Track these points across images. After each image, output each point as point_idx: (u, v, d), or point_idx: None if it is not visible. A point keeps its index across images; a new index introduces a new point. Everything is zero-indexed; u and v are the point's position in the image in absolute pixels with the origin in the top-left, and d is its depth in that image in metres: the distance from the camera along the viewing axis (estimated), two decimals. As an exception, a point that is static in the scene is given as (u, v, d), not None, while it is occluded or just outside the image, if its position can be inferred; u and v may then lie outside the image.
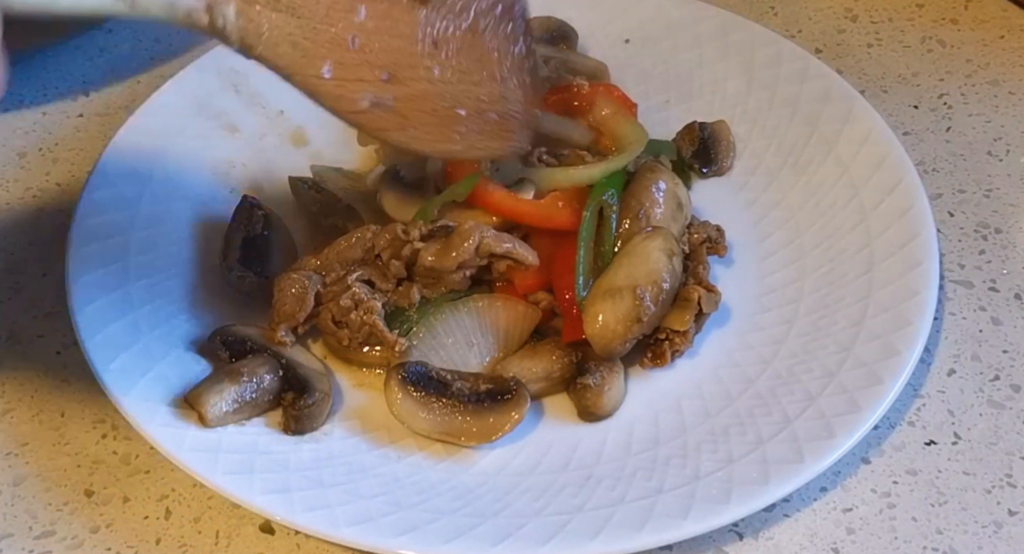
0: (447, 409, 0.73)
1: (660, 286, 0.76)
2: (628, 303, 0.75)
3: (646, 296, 0.76)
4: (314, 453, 0.73)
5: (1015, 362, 0.81)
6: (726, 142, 0.92)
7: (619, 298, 0.76)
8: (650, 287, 0.76)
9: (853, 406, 0.72)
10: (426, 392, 0.73)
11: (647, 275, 0.77)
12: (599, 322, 0.75)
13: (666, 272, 0.77)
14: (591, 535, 0.66)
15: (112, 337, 0.75)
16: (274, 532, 0.72)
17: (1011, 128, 0.98)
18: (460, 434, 0.74)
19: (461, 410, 0.73)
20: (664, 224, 0.82)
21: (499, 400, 0.74)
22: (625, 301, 0.76)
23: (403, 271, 0.79)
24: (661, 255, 0.78)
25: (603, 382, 0.76)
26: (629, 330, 0.76)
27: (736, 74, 0.96)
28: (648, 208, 0.82)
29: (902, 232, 0.82)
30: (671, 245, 0.79)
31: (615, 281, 0.77)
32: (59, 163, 0.96)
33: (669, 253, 0.78)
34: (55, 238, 0.88)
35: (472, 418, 0.73)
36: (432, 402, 0.73)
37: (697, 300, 0.78)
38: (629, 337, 0.76)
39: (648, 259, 0.77)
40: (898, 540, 0.71)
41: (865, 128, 0.89)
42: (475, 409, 0.73)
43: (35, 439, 0.77)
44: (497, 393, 0.74)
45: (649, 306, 0.76)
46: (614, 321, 0.75)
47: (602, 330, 0.75)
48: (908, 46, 1.07)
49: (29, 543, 0.71)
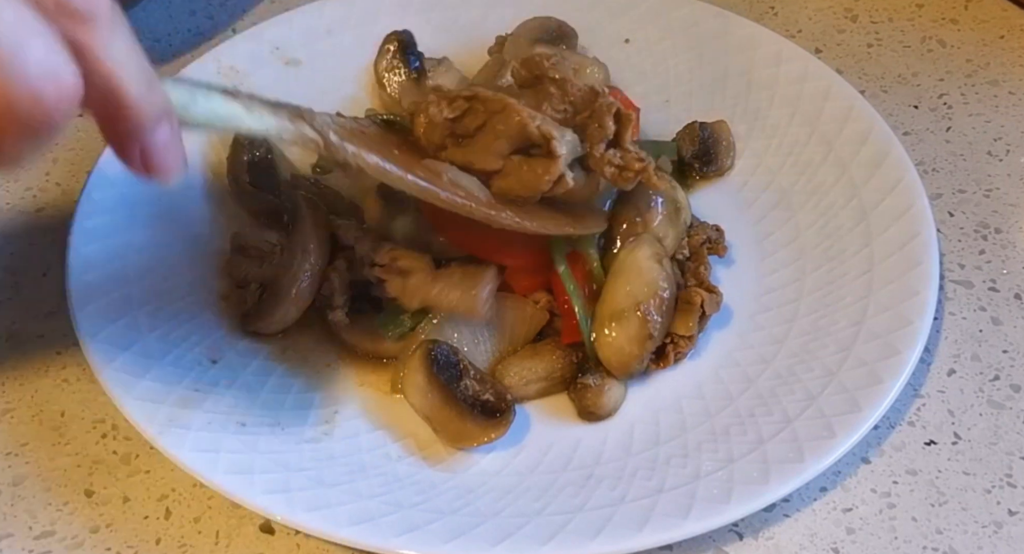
0: (445, 399, 0.73)
1: (661, 296, 0.76)
2: (636, 323, 0.75)
3: (651, 310, 0.75)
4: (314, 453, 0.73)
5: (1015, 362, 0.81)
6: (726, 142, 0.92)
7: (625, 320, 0.75)
8: (652, 300, 0.76)
9: (853, 406, 0.72)
10: (440, 376, 0.73)
11: (646, 289, 0.76)
12: (612, 348, 0.75)
13: (662, 280, 0.77)
14: (591, 535, 0.66)
15: (112, 337, 0.75)
16: (274, 532, 0.72)
17: (1011, 128, 0.98)
18: (439, 425, 0.74)
19: (453, 406, 0.73)
20: (662, 229, 0.81)
21: (488, 415, 0.74)
22: (632, 321, 0.75)
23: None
24: (652, 264, 0.77)
25: (603, 382, 0.76)
26: (643, 348, 0.75)
27: (736, 74, 0.96)
28: (644, 213, 0.81)
29: (902, 232, 0.82)
30: (657, 249, 0.78)
31: (616, 303, 0.76)
32: (59, 163, 0.96)
33: (658, 258, 0.78)
34: (55, 238, 0.88)
35: (457, 418, 0.73)
36: (439, 387, 0.73)
37: (700, 304, 0.78)
38: (645, 354, 0.76)
39: (641, 271, 0.77)
40: (898, 540, 0.71)
41: (865, 128, 0.89)
42: (466, 412, 0.73)
43: (35, 439, 0.77)
44: (491, 408, 0.74)
45: (656, 319, 0.76)
46: (627, 343, 0.75)
47: (618, 355, 0.75)
48: (908, 46, 1.07)
49: (29, 543, 0.71)
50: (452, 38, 0.99)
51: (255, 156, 0.88)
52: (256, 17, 1.07)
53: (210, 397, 0.74)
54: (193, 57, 0.95)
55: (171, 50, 1.06)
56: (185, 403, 0.73)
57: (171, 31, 1.07)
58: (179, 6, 1.10)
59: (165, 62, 1.05)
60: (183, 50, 1.06)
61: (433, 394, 0.73)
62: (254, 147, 0.88)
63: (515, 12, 0.96)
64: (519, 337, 0.79)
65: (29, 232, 0.90)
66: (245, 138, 0.88)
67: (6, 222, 0.91)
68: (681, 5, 1.00)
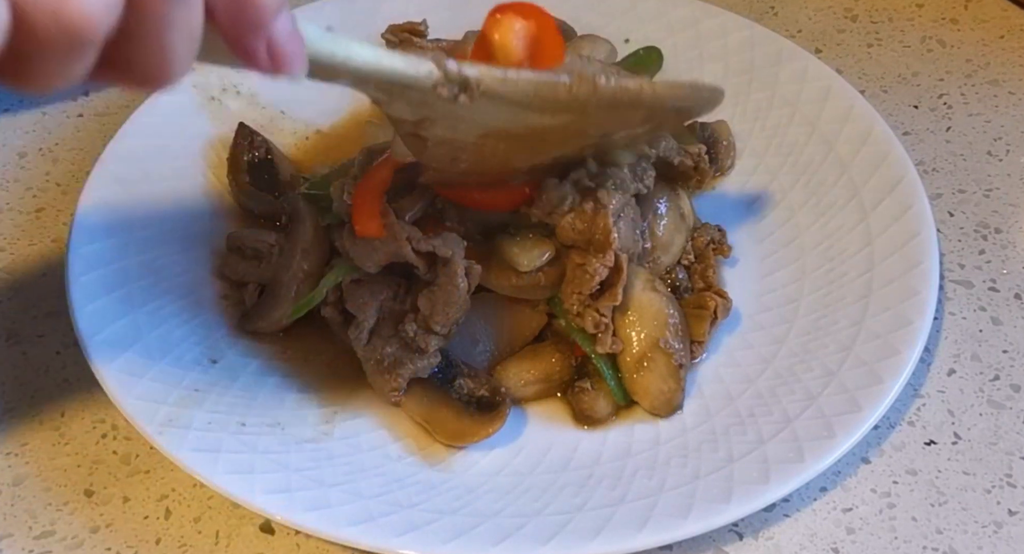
0: (439, 399, 0.73)
1: (673, 324, 0.76)
2: (662, 361, 0.75)
3: (670, 342, 0.75)
4: (314, 453, 0.73)
5: (1015, 362, 0.81)
6: (726, 142, 0.92)
7: (652, 362, 0.75)
8: (668, 330, 0.76)
9: (853, 406, 0.72)
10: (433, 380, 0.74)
11: (655, 323, 0.76)
12: (651, 393, 0.75)
13: (666, 305, 0.76)
14: (591, 535, 0.66)
15: (112, 337, 0.75)
16: (274, 532, 0.72)
17: (1011, 128, 0.98)
18: (436, 426, 0.74)
19: (449, 405, 0.73)
20: (669, 236, 0.81)
21: (484, 410, 0.74)
22: (659, 361, 0.75)
23: None
24: (650, 295, 0.76)
25: (600, 387, 0.76)
26: (678, 379, 0.75)
27: (736, 74, 0.96)
28: (651, 221, 0.81)
29: (902, 232, 0.82)
30: (645, 276, 0.77)
31: (636, 348, 0.76)
32: (59, 163, 0.96)
33: (651, 285, 0.77)
34: (55, 238, 0.89)
35: (454, 417, 0.73)
36: (432, 387, 0.73)
37: (714, 309, 0.78)
38: (682, 385, 0.76)
39: (643, 307, 0.76)
40: (898, 540, 0.71)
41: (865, 128, 0.89)
42: (462, 410, 0.73)
43: (35, 439, 0.77)
44: (487, 404, 0.74)
45: (679, 348, 0.75)
46: (663, 383, 0.75)
47: (658, 398, 0.75)
48: (908, 46, 1.07)
49: (29, 543, 0.71)
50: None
51: (255, 156, 0.88)
52: (256, 17, 1.07)
53: (210, 397, 0.74)
54: (193, 57, 0.95)
55: (171, 50, 1.06)
56: (185, 403, 0.73)
57: (171, 31, 1.07)
58: (179, 6, 1.10)
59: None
60: (183, 50, 1.06)
61: (428, 398, 0.73)
62: (254, 147, 0.88)
63: (515, 12, 0.96)
64: (517, 340, 0.79)
65: (29, 232, 0.91)
66: (245, 138, 0.88)
67: (6, 222, 0.91)
68: (681, 5, 1.00)
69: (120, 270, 0.80)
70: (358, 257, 0.76)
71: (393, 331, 0.76)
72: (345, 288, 0.77)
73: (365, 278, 0.77)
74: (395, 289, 0.77)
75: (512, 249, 0.76)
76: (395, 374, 0.74)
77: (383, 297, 0.77)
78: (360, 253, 0.76)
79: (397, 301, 0.77)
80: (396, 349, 0.75)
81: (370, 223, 0.73)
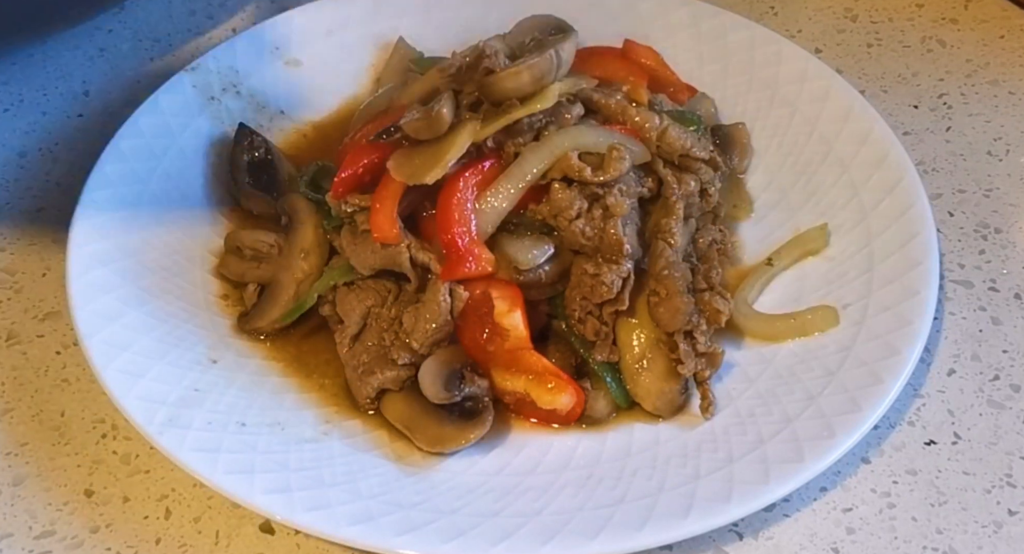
0: (420, 405, 0.74)
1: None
2: (662, 361, 0.75)
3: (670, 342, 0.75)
4: (314, 453, 0.73)
5: (1015, 362, 0.81)
6: (740, 145, 0.92)
7: (652, 362, 0.75)
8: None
9: (853, 406, 0.72)
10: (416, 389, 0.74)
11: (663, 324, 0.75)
12: (653, 395, 0.75)
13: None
14: (591, 535, 0.66)
15: (112, 337, 0.75)
16: (274, 532, 0.72)
17: (1011, 128, 0.98)
18: (416, 432, 0.74)
19: (430, 411, 0.74)
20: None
21: (466, 416, 0.74)
22: (658, 361, 0.75)
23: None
24: None
25: (599, 387, 0.76)
26: (679, 379, 0.75)
27: (736, 74, 0.96)
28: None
29: (902, 232, 0.82)
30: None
31: (637, 349, 0.76)
32: (59, 163, 0.96)
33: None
34: (55, 238, 0.89)
35: (435, 422, 0.73)
36: (413, 393, 0.74)
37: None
38: (683, 385, 0.75)
39: (643, 307, 0.76)
40: (898, 540, 0.71)
41: (865, 128, 0.89)
42: (443, 416, 0.73)
43: (35, 439, 0.77)
44: (468, 410, 0.74)
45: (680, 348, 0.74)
46: (663, 383, 0.75)
47: (660, 399, 0.75)
48: (908, 46, 1.07)
49: (29, 543, 0.71)
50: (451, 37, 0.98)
51: (255, 157, 0.88)
52: (256, 17, 1.07)
53: (210, 397, 0.74)
54: (193, 57, 0.95)
55: (171, 50, 1.06)
56: (185, 403, 0.73)
57: (171, 31, 1.07)
58: (179, 6, 1.10)
59: (165, 62, 1.05)
60: (183, 50, 1.06)
61: (409, 403, 0.74)
62: (254, 147, 0.88)
63: (515, 11, 0.96)
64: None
65: (29, 232, 0.90)
66: (245, 139, 0.88)
67: (6, 222, 0.91)
68: (681, 5, 1.00)
69: (120, 270, 0.80)
70: (355, 258, 0.76)
71: (376, 339, 0.76)
72: (338, 291, 0.78)
73: (358, 282, 0.78)
74: (384, 296, 0.78)
75: (513, 246, 0.76)
76: (365, 382, 0.75)
77: (371, 303, 0.77)
78: (358, 254, 0.76)
79: (385, 308, 0.77)
80: (371, 358, 0.76)
81: (390, 230, 0.74)
